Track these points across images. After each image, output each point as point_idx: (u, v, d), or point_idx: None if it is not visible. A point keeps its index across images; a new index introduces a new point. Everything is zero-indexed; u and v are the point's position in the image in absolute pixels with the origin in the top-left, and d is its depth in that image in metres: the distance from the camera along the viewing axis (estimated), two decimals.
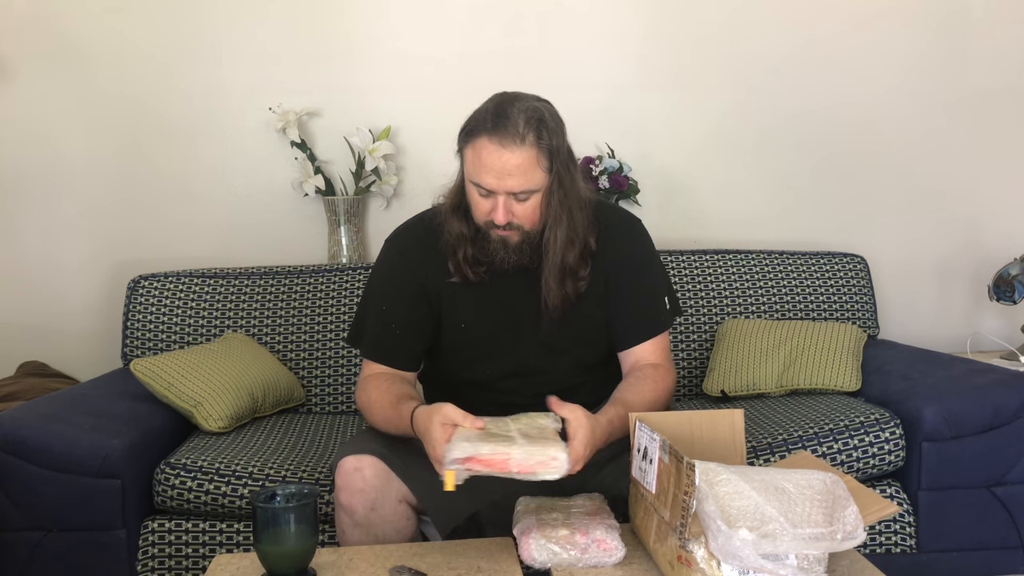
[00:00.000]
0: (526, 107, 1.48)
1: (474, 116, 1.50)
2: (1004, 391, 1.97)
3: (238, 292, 2.39)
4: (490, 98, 1.52)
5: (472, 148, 1.48)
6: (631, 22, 2.69)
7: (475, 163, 1.47)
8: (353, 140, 2.57)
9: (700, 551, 1.13)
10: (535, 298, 1.59)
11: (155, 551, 1.82)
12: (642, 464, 1.32)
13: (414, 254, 1.63)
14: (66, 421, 1.82)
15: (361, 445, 1.50)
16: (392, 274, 1.64)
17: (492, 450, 1.26)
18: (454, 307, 1.62)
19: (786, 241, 2.75)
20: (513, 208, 1.49)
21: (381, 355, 1.63)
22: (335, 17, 2.62)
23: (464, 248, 1.57)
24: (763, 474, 1.14)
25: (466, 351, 1.65)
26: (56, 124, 2.58)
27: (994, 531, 1.96)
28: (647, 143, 2.71)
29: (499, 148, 1.44)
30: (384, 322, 1.62)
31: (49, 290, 2.61)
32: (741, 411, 1.40)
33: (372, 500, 1.45)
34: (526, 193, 1.49)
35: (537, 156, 1.46)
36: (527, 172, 1.46)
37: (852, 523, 1.10)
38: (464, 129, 1.51)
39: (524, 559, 1.30)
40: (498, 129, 1.44)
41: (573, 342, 1.65)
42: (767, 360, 2.28)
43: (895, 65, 2.77)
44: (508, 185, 1.46)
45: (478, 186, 1.49)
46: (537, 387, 1.60)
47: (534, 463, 1.26)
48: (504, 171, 1.45)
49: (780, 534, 1.06)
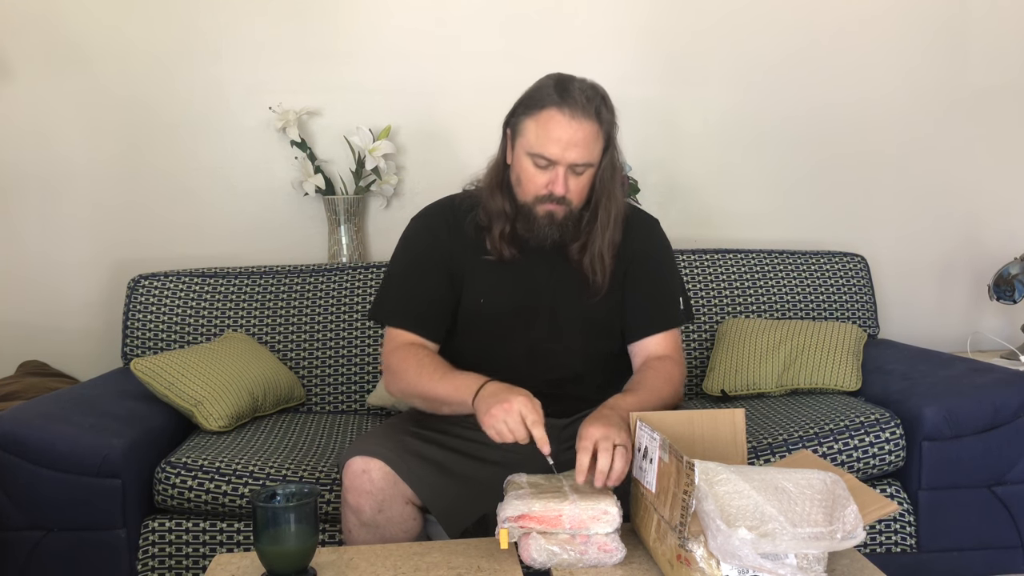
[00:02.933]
0: (586, 85, 1.54)
1: (532, 92, 1.55)
2: (1004, 390, 1.97)
3: (238, 291, 2.39)
4: (544, 78, 1.57)
5: (536, 120, 1.52)
6: (631, 22, 2.69)
7: (540, 134, 1.51)
8: (353, 139, 2.57)
9: (699, 550, 1.13)
10: (556, 282, 1.64)
11: (155, 550, 1.82)
12: (642, 463, 1.32)
13: (440, 230, 1.67)
14: (66, 420, 1.82)
15: (369, 447, 1.49)
16: (419, 247, 1.68)
17: (544, 507, 1.29)
18: (475, 283, 1.65)
19: (786, 240, 2.75)
20: (569, 181, 1.54)
21: (409, 322, 1.63)
22: (335, 16, 2.62)
23: (503, 225, 1.61)
24: (763, 473, 1.14)
25: (482, 328, 1.66)
26: (56, 123, 2.57)
27: (994, 531, 1.96)
28: (647, 143, 2.70)
29: (569, 119, 1.50)
30: (411, 292, 1.64)
31: (49, 289, 2.61)
32: (742, 411, 1.39)
33: (380, 502, 1.46)
34: (584, 166, 1.54)
35: (599, 132, 1.53)
36: (590, 145, 1.52)
37: (852, 522, 1.10)
38: (522, 104, 1.56)
39: (524, 559, 1.30)
40: (567, 101, 1.50)
41: (586, 329, 1.66)
42: (767, 360, 2.28)
43: (896, 64, 2.77)
44: (571, 156, 1.51)
45: (539, 157, 1.52)
46: (547, 373, 1.62)
47: (586, 518, 1.28)
48: (571, 142, 1.50)
49: (779, 533, 1.06)
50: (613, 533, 1.30)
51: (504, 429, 1.36)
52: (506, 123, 1.60)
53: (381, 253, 2.67)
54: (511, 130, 1.59)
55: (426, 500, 1.47)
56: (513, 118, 1.58)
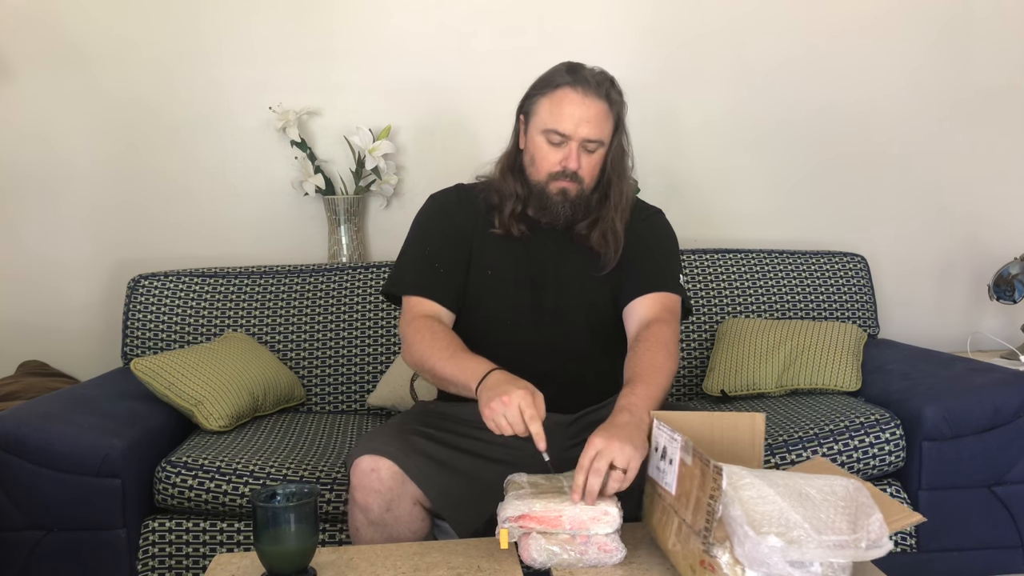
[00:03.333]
0: (596, 70, 1.64)
1: (546, 76, 1.64)
2: (1004, 390, 1.97)
3: (238, 291, 2.39)
4: (556, 65, 1.65)
5: (550, 99, 1.61)
6: (631, 21, 2.69)
7: (553, 111, 1.60)
8: (353, 139, 2.57)
9: (725, 556, 1.10)
10: (563, 260, 1.69)
11: (155, 550, 1.82)
12: (660, 464, 1.29)
13: (452, 207, 1.73)
14: (66, 420, 1.82)
15: (377, 445, 1.49)
16: (433, 220, 1.73)
17: (544, 507, 1.29)
18: (484, 255, 1.70)
19: (786, 240, 2.75)
20: (581, 158, 1.61)
21: (426, 290, 1.67)
22: (335, 16, 2.62)
23: (514, 205, 1.67)
24: (786, 479, 1.12)
25: (489, 301, 1.69)
26: (56, 124, 2.57)
27: (994, 530, 1.97)
28: (647, 143, 2.69)
29: (582, 96, 1.59)
30: (428, 261, 1.69)
31: (49, 289, 2.61)
32: (763, 415, 1.37)
33: (388, 501, 1.46)
34: (596, 143, 1.61)
35: (608, 111, 1.62)
36: (601, 123, 1.60)
37: (877, 531, 1.07)
38: (536, 86, 1.65)
39: (524, 559, 1.30)
40: (579, 81, 1.60)
41: (590, 308, 1.69)
42: (767, 360, 2.28)
43: (898, 65, 2.77)
44: (583, 132, 1.59)
45: (553, 132, 1.60)
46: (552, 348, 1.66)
47: (587, 519, 1.28)
48: (583, 118, 1.58)
49: (806, 541, 1.04)
50: (613, 534, 1.30)
51: (503, 423, 1.37)
52: (519, 109, 1.68)
53: (381, 253, 2.68)
54: (524, 114, 1.67)
55: (434, 500, 1.47)
56: (527, 102, 1.66)
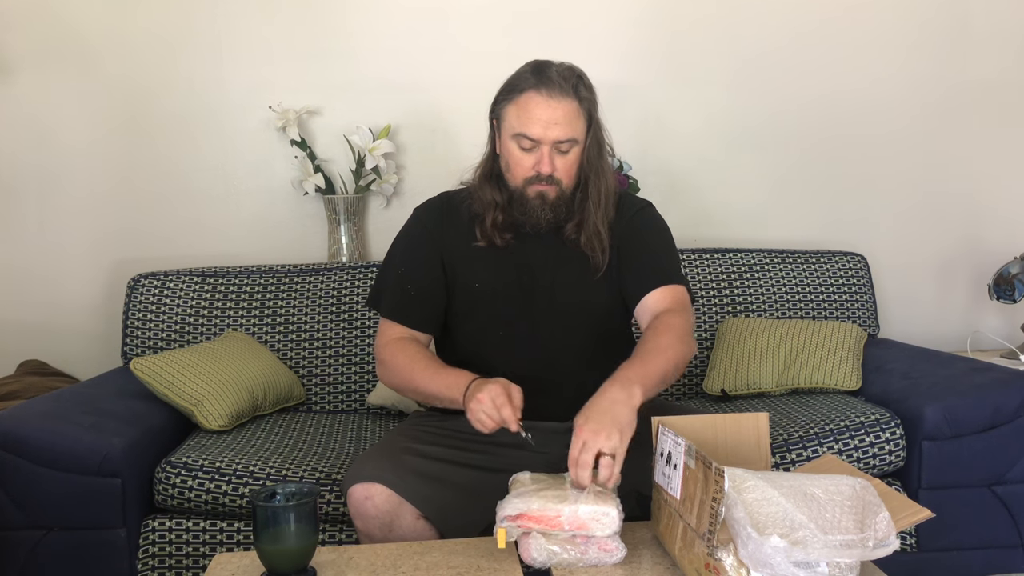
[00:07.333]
0: (563, 67, 1.59)
1: (512, 80, 1.60)
2: (1004, 390, 1.97)
3: (238, 291, 2.39)
4: (523, 66, 1.61)
5: (516, 104, 1.57)
6: (630, 21, 2.69)
7: (521, 116, 1.56)
8: (353, 139, 2.57)
9: (729, 559, 1.10)
10: (555, 264, 1.65)
11: (155, 550, 1.82)
12: (665, 469, 1.29)
13: (434, 222, 1.70)
14: (66, 420, 1.82)
15: (369, 471, 1.48)
16: (410, 240, 1.72)
17: (543, 507, 1.28)
18: (471, 269, 1.67)
19: (786, 240, 2.75)
20: (555, 160, 1.58)
21: (399, 315, 1.67)
22: (335, 15, 2.62)
23: (494, 214, 1.64)
24: (791, 479, 1.11)
25: (478, 314, 1.67)
26: (56, 122, 2.57)
27: (994, 530, 1.97)
28: (647, 142, 2.71)
29: (547, 99, 1.54)
30: (401, 285, 1.68)
31: (49, 288, 2.61)
32: (766, 415, 1.36)
33: (387, 524, 1.47)
34: (569, 143, 1.57)
35: (578, 109, 1.57)
36: (571, 122, 1.56)
37: (884, 529, 1.07)
38: (502, 92, 1.61)
39: (524, 559, 1.29)
40: (543, 83, 1.55)
41: (585, 311, 1.66)
42: (767, 359, 2.28)
43: (898, 64, 2.77)
44: (554, 134, 1.55)
45: (523, 138, 1.56)
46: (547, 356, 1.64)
47: (586, 519, 1.27)
48: (551, 120, 1.54)
49: (811, 541, 1.03)
50: (614, 534, 1.30)
51: (485, 419, 1.41)
52: (491, 114, 1.65)
53: (381, 253, 2.66)
54: (495, 120, 1.64)
55: (433, 518, 1.47)
56: (496, 107, 1.63)
